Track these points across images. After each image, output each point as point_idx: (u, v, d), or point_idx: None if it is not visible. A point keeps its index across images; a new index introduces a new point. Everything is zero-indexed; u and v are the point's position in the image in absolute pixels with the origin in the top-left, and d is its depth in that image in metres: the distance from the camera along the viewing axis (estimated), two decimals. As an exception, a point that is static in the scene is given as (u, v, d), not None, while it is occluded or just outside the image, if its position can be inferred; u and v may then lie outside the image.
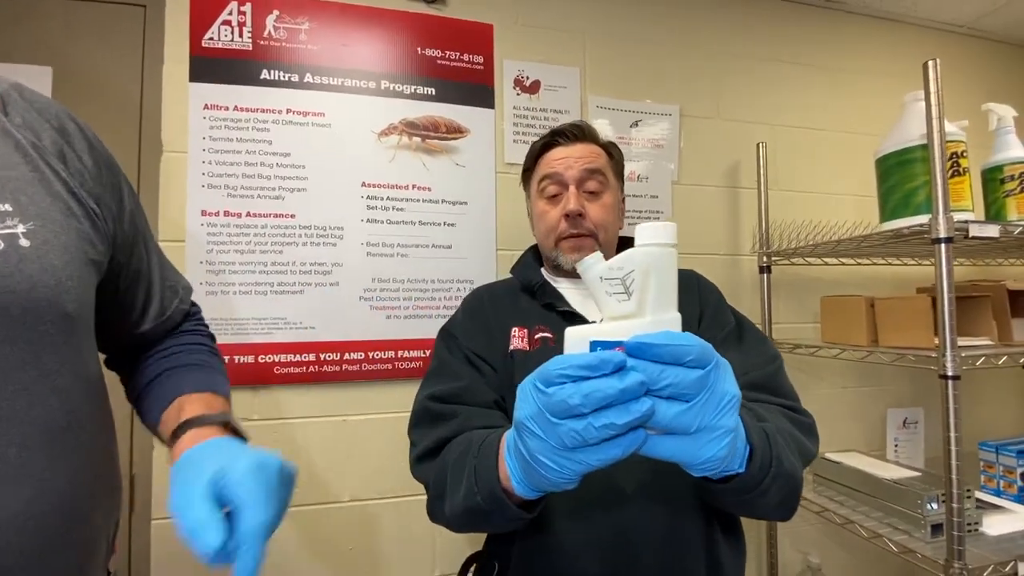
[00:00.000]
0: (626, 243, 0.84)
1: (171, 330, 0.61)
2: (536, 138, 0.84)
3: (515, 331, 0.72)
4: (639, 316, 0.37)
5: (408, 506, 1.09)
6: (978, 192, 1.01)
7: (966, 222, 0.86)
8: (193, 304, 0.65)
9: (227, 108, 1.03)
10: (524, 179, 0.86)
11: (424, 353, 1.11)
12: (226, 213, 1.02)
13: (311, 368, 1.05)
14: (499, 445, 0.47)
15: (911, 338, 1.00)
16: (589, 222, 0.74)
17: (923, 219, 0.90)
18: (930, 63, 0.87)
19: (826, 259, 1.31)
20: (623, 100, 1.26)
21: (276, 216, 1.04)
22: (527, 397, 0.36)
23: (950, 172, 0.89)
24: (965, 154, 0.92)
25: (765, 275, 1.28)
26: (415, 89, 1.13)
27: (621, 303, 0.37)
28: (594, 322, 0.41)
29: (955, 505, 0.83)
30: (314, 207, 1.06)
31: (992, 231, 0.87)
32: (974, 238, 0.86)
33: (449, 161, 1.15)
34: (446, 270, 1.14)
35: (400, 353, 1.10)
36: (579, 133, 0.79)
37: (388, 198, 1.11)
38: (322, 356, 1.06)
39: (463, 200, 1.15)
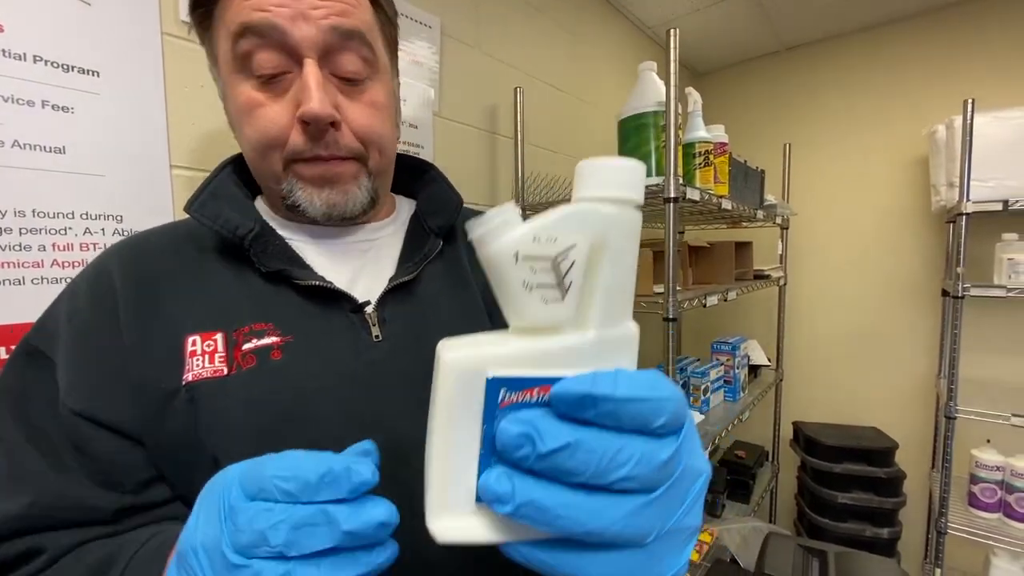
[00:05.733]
0: (406, 167, 0.55)
1: None
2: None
3: (194, 342, 0.37)
4: (577, 329, 0.22)
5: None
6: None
7: (684, 186, 0.99)
8: None
9: None
10: (197, 22, 0.42)
11: None
12: None
13: None
14: None
15: (639, 286, 1.14)
16: (350, 137, 0.41)
17: (656, 180, 1.00)
18: (671, 31, 0.93)
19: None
20: (373, -12, 0.96)
21: None
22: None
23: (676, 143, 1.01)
24: (681, 127, 1.06)
25: (520, 228, 1.26)
26: None
27: (549, 305, 0.21)
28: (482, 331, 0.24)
29: (669, 426, 0.99)
30: None
31: (696, 195, 1.04)
32: (688, 200, 1.01)
33: (49, -15, 0.60)
34: (54, 196, 0.62)
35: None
36: None
37: None
38: None
39: (91, 67, 0.64)
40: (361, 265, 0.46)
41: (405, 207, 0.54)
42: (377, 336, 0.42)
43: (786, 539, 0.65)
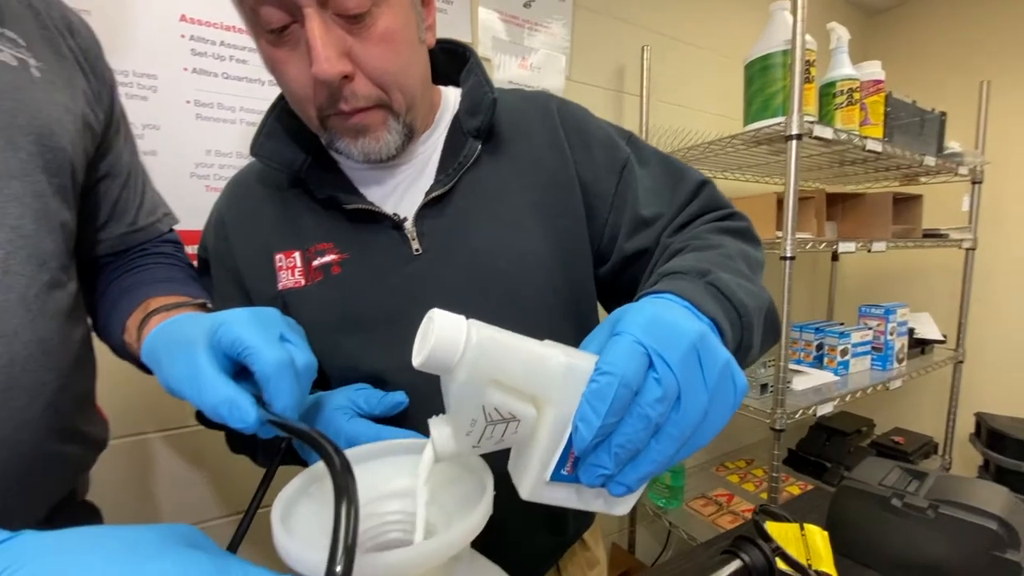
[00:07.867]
0: (448, 52, 0.53)
1: (141, 248, 0.53)
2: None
3: (280, 259, 0.47)
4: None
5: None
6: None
7: (812, 123, 0.97)
8: (171, 231, 0.57)
9: None
10: None
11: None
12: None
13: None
14: None
15: (760, 230, 1.14)
16: (368, 86, 0.41)
17: (780, 120, 1.00)
18: (801, -39, 0.92)
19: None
20: (515, -28, 1.14)
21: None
22: None
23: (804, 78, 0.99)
24: (814, 63, 1.03)
25: (642, 181, 1.33)
26: None
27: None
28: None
29: (781, 366, 1.01)
30: (116, 42, 0.76)
31: (827, 133, 1.01)
32: (816, 137, 0.98)
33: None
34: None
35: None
36: None
37: (223, 43, 0.84)
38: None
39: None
40: (404, 181, 0.49)
41: (450, 105, 0.52)
42: (417, 249, 0.46)
43: (889, 462, 0.66)
